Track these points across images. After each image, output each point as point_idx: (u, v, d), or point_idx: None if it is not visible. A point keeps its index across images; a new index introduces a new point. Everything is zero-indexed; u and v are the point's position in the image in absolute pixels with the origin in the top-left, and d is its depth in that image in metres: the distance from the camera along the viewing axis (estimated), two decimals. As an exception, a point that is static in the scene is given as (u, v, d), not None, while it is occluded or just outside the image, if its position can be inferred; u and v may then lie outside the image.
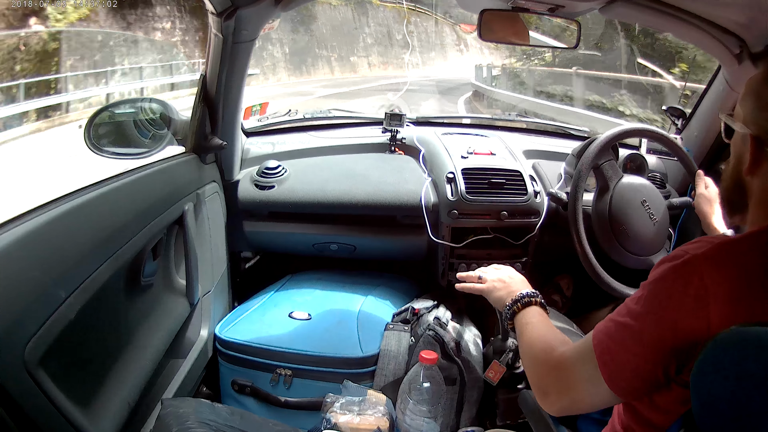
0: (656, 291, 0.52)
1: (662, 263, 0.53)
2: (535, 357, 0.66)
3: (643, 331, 0.52)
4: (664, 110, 1.39)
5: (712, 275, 0.49)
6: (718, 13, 1.01)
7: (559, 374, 0.60)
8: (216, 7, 0.97)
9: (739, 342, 0.45)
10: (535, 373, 0.66)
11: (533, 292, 0.78)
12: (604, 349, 0.55)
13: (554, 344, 0.64)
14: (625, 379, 0.53)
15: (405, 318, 1.18)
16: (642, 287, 0.54)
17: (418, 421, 0.96)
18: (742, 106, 0.57)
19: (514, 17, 1.12)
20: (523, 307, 0.76)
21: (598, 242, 1.14)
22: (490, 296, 0.84)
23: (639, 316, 0.53)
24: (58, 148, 5.67)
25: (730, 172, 0.60)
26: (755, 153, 0.54)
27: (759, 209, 0.56)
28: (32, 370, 0.57)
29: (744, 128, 0.56)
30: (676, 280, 0.51)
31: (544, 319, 0.73)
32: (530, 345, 0.68)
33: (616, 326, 0.55)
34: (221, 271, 1.25)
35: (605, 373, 0.54)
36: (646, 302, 0.53)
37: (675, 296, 0.50)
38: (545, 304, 0.77)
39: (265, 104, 1.57)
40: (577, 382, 0.58)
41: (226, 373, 1.13)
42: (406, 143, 1.46)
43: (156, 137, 1.06)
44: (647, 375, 0.52)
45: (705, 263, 0.49)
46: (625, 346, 0.53)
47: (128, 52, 11.00)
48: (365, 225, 1.31)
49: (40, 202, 0.66)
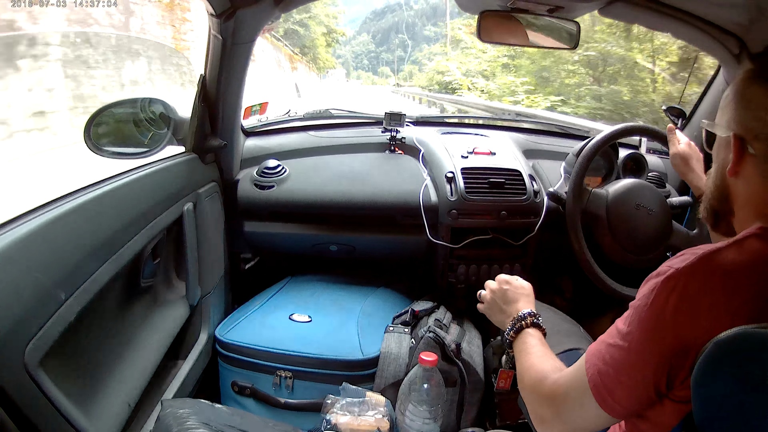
0: (642, 309, 0.52)
1: (648, 280, 0.53)
2: (529, 387, 0.66)
3: (632, 351, 0.52)
4: (664, 110, 1.39)
5: (696, 287, 0.49)
6: (718, 14, 1.01)
7: (554, 402, 0.60)
8: (215, 9, 0.97)
9: (739, 343, 0.45)
10: (530, 402, 0.66)
11: (522, 315, 0.76)
12: (596, 373, 0.55)
13: (546, 372, 0.64)
14: (618, 401, 0.53)
15: (405, 320, 1.17)
16: (630, 307, 0.54)
17: (418, 422, 0.96)
18: (725, 111, 0.57)
19: (514, 18, 1.12)
20: (516, 334, 0.75)
21: (598, 243, 1.14)
22: (491, 320, 0.84)
23: (627, 336, 0.52)
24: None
25: (714, 179, 0.59)
26: (738, 152, 0.53)
27: (745, 211, 0.55)
28: (32, 372, 0.57)
29: (726, 131, 0.55)
30: (660, 295, 0.50)
31: (537, 343, 0.72)
32: (523, 374, 0.68)
33: (606, 348, 0.55)
34: (221, 272, 1.24)
35: (598, 396, 0.54)
36: (633, 321, 0.52)
37: (660, 312, 0.50)
38: (538, 323, 0.76)
39: (264, 104, 1.56)
40: (572, 408, 0.58)
41: (226, 375, 1.13)
42: (405, 143, 1.46)
43: (156, 137, 1.06)
44: (640, 394, 0.52)
45: (688, 276, 0.49)
46: (616, 367, 0.53)
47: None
48: (365, 225, 1.31)
49: (40, 203, 0.66)
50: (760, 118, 0.52)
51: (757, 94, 0.53)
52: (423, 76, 21.40)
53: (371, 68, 41.39)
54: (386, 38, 42.08)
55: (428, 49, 23.38)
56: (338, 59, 40.89)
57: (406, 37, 38.27)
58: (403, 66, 35.35)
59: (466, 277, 1.29)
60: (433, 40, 28.18)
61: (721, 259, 0.50)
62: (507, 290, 0.82)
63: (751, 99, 0.53)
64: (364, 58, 43.57)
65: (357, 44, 45.81)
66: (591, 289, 1.18)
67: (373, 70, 40.56)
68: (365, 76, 39.63)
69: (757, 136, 0.52)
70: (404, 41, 39.38)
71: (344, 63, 40.22)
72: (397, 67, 37.40)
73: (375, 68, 40.79)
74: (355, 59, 43.43)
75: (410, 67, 31.98)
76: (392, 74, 36.16)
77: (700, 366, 0.46)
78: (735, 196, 0.56)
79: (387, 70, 37.99)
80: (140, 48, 6.38)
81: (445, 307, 1.23)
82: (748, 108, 0.53)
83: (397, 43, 40.65)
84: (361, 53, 44.51)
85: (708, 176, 0.62)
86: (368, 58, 43.35)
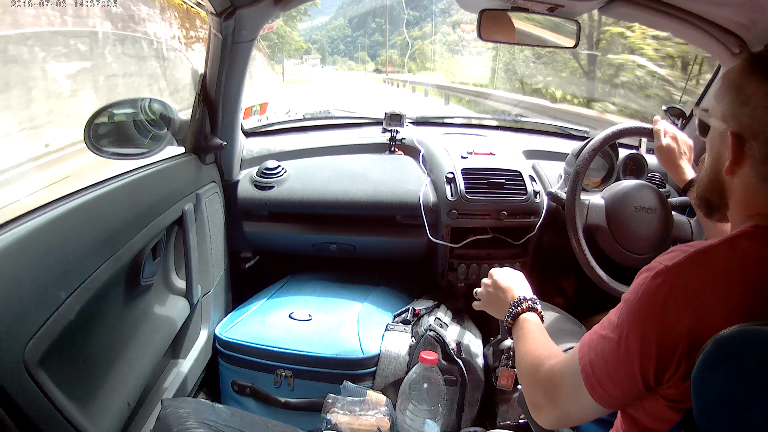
0: (632, 303, 0.52)
1: (639, 275, 0.53)
2: (525, 373, 0.66)
3: (621, 342, 0.52)
4: (664, 110, 1.39)
5: (684, 284, 0.49)
6: (718, 13, 1.01)
7: (548, 388, 0.60)
8: (215, 7, 0.97)
9: (740, 341, 0.45)
10: (526, 388, 0.66)
11: (521, 298, 0.77)
12: (587, 363, 0.55)
13: (542, 358, 0.64)
14: (606, 389, 0.54)
15: (405, 319, 1.18)
16: (622, 299, 0.55)
17: (418, 421, 0.96)
18: (720, 102, 0.55)
19: (514, 17, 1.12)
20: (514, 320, 0.75)
21: (602, 250, 1.14)
22: (491, 313, 0.84)
23: (617, 328, 0.53)
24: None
25: (707, 171, 0.58)
26: (736, 151, 0.52)
27: (740, 208, 0.55)
28: (32, 371, 0.57)
29: (722, 125, 0.54)
30: (648, 290, 0.51)
31: (534, 329, 0.72)
32: (520, 360, 0.68)
33: (597, 339, 0.55)
34: (221, 272, 1.25)
35: (588, 384, 0.54)
36: (623, 314, 0.53)
37: (648, 307, 0.50)
38: (536, 308, 0.76)
39: (264, 104, 1.57)
40: (565, 395, 0.58)
41: (226, 374, 1.13)
42: (405, 143, 1.46)
43: (156, 137, 1.06)
44: (627, 386, 0.52)
45: (676, 273, 0.49)
46: (605, 357, 0.53)
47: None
48: (365, 225, 1.31)
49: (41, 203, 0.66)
50: (758, 117, 0.51)
51: (756, 90, 0.51)
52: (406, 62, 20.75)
53: (347, 53, 40.31)
54: (363, 23, 41.07)
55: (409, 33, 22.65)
56: (314, 44, 39.88)
57: (383, 22, 37.02)
58: (382, 50, 34.49)
59: (466, 276, 1.30)
60: (412, 24, 27.40)
61: (712, 257, 0.50)
62: (498, 279, 0.82)
63: (750, 95, 0.52)
64: (340, 43, 42.33)
65: (332, 29, 44.64)
66: (592, 289, 1.18)
67: (350, 55, 39.59)
68: (341, 61, 38.71)
69: (756, 136, 0.51)
70: (381, 25, 38.05)
71: (319, 48, 39.45)
72: (374, 52, 36.48)
73: (352, 53, 39.74)
74: (331, 44, 42.30)
75: (390, 52, 31.20)
76: (369, 60, 35.37)
77: (699, 363, 0.46)
78: (730, 192, 0.56)
79: (364, 55, 37.16)
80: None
81: (445, 306, 1.23)
82: (746, 104, 0.52)
83: (375, 27, 39.42)
84: (337, 38, 43.21)
85: (701, 163, 0.61)
86: (344, 43, 42.14)
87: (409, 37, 22.09)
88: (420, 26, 28.45)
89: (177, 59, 6.30)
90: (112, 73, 4.74)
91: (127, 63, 5.00)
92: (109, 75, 4.67)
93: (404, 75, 19.12)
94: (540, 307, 0.76)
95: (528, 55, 9.19)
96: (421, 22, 28.75)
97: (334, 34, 43.91)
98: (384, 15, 37.16)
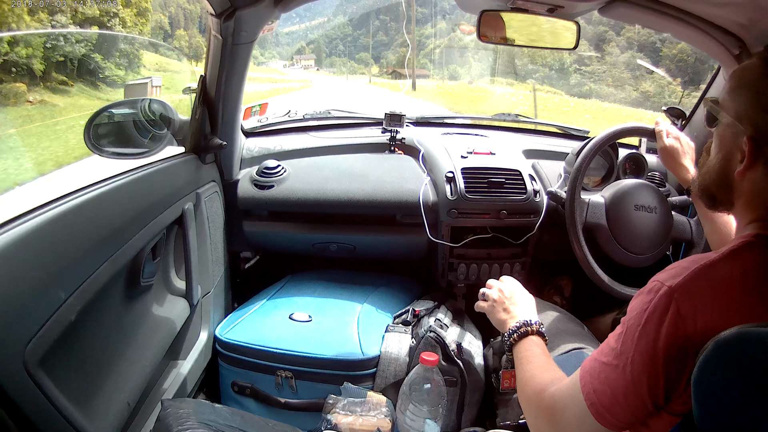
0: (635, 329, 0.52)
1: (638, 296, 0.53)
2: (528, 398, 0.66)
3: (627, 371, 0.52)
4: (664, 110, 1.39)
5: (691, 307, 0.48)
6: (718, 14, 1.01)
7: (551, 416, 0.60)
8: (215, 9, 0.97)
9: (739, 343, 0.45)
10: (529, 414, 0.66)
11: (528, 321, 0.77)
12: (592, 392, 0.55)
13: (545, 384, 0.64)
14: (615, 416, 0.53)
15: (406, 320, 1.17)
16: (621, 323, 0.54)
17: (419, 422, 0.96)
18: (735, 99, 0.55)
19: (514, 18, 1.12)
20: (520, 339, 0.75)
21: (603, 250, 1.14)
22: (491, 318, 0.84)
23: (620, 355, 0.52)
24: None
25: (716, 167, 0.58)
26: (753, 155, 0.52)
27: (747, 209, 0.55)
28: (32, 371, 0.57)
29: (737, 125, 0.54)
30: (653, 313, 0.50)
31: (539, 352, 0.72)
32: (523, 385, 0.68)
33: (600, 366, 0.55)
34: (221, 272, 1.24)
35: (597, 414, 0.54)
36: (626, 341, 0.52)
37: (654, 330, 0.50)
38: (543, 332, 0.77)
39: (264, 104, 1.56)
40: (569, 423, 0.58)
41: (226, 375, 1.13)
42: (405, 143, 1.46)
43: (155, 137, 1.06)
44: (637, 409, 0.52)
45: (682, 293, 0.49)
46: (611, 385, 0.53)
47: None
48: (365, 225, 1.31)
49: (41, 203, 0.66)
50: None
51: None
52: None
53: (348, 54, 37.92)
54: (365, 21, 38.77)
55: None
56: (309, 45, 37.99)
57: (388, 19, 34.91)
58: (386, 52, 32.70)
59: (466, 276, 1.30)
60: (421, 22, 25.84)
61: (714, 274, 0.49)
62: (515, 292, 0.83)
63: None
64: (339, 43, 39.99)
65: (331, 28, 42.04)
66: (590, 289, 1.18)
67: (350, 56, 37.40)
68: (340, 63, 36.53)
69: None
70: (386, 23, 35.91)
71: (315, 49, 37.71)
72: (378, 53, 34.49)
73: (352, 54, 37.45)
74: (329, 44, 40.03)
75: (402, 50, 29.39)
76: (373, 62, 33.53)
77: (700, 365, 0.46)
78: (738, 192, 0.56)
79: (367, 56, 35.26)
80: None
81: (445, 307, 1.23)
82: (765, 110, 0.51)
83: (378, 25, 37.21)
84: (336, 38, 40.77)
85: (705, 153, 0.61)
86: (344, 43, 39.77)
87: (419, 35, 21.05)
88: (433, 23, 27.41)
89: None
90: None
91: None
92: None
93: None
94: (546, 323, 0.77)
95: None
96: (433, 19, 27.72)
97: (333, 34, 42.19)
98: (388, 12, 35.14)
